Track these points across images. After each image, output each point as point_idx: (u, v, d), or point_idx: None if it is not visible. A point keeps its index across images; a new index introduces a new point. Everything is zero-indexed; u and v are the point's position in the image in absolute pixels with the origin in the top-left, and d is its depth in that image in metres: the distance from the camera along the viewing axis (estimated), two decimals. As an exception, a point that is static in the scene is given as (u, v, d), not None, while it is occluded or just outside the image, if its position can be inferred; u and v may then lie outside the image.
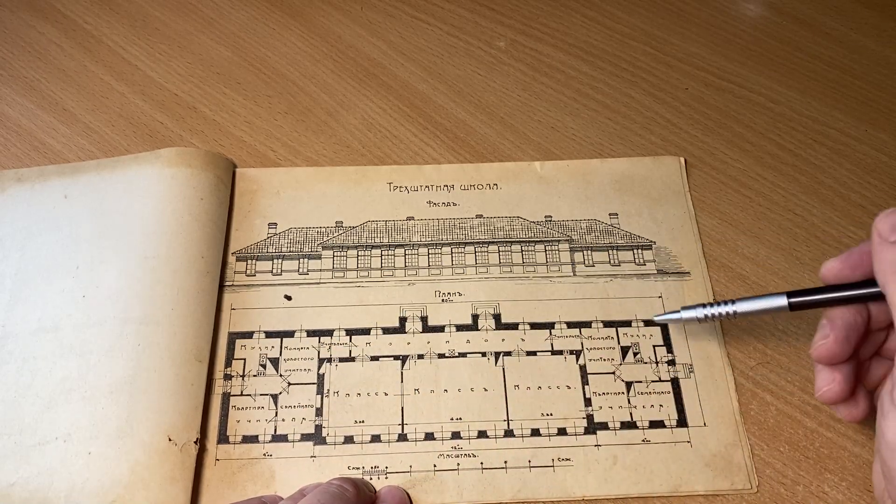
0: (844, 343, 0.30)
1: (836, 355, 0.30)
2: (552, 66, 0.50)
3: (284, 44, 0.50)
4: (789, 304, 0.32)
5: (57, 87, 0.47)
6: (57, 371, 0.36)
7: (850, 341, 0.30)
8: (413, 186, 0.43)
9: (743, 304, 0.33)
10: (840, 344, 0.30)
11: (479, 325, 0.39)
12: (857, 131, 0.47)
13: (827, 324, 0.30)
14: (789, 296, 0.32)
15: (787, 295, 0.32)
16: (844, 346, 0.30)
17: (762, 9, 0.53)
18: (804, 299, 0.32)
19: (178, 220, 0.39)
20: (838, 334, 0.30)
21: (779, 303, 0.32)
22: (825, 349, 0.30)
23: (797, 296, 0.32)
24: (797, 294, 0.32)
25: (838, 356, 0.30)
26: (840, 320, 0.30)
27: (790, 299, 0.32)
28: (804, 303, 0.32)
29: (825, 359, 0.30)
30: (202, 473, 0.35)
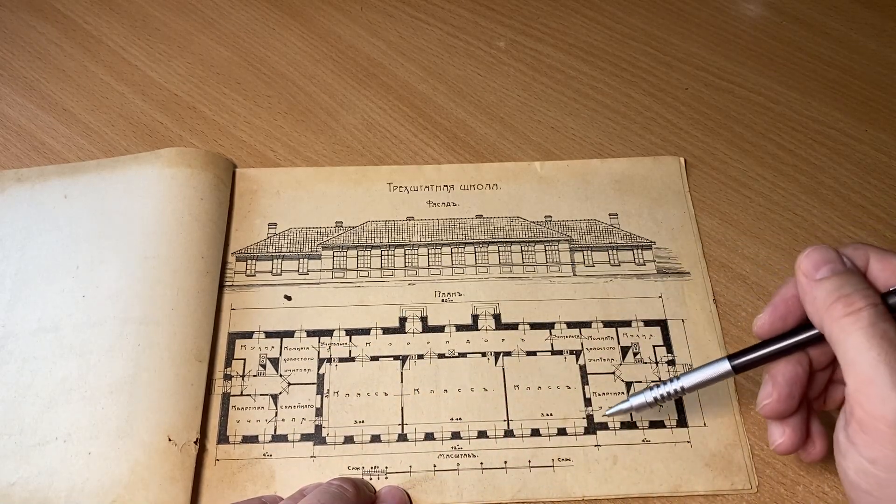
0: (789, 399, 0.30)
1: (782, 412, 0.30)
2: (552, 66, 0.50)
3: (284, 44, 0.50)
4: (733, 367, 0.31)
5: (57, 87, 0.47)
6: (57, 371, 0.36)
7: (794, 396, 0.30)
8: (413, 186, 0.43)
9: (688, 377, 0.32)
10: (784, 401, 0.30)
11: (479, 325, 0.39)
12: (857, 131, 0.47)
13: (769, 380, 0.30)
14: (731, 359, 0.31)
15: (729, 359, 0.31)
16: (789, 402, 0.30)
17: (762, 9, 0.53)
18: (746, 359, 0.31)
19: (178, 220, 0.39)
20: (781, 392, 0.30)
21: (722, 369, 0.31)
22: (770, 409, 0.30)
23: (738, 357, 0.31)
24: (738, 356, 0.31)
25: (785, 412, 0.30)
26: (782, 377, 0.30)
27: (733, 363, 0.31)
28: (747, 363, 0.31)
29: (772, 416, 0.31)
30: (202, 473, 0.35)
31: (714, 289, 0.40)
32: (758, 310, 0.39)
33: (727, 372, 0.31)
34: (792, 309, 0.30)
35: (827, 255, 0.29)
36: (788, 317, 0.30)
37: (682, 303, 0.40)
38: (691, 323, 0.39)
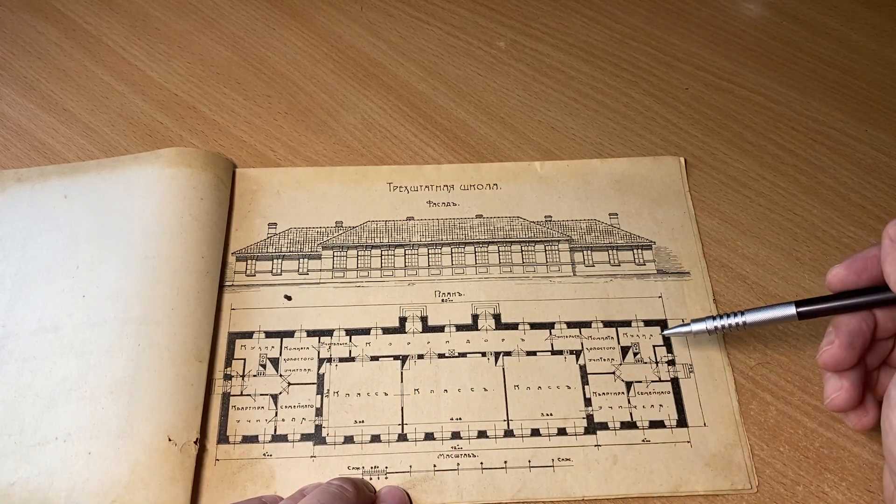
0: (849, 349, 0.30)
1: (841, 362, 0.30)
2: (552, 66, 0.50)
3: (284, 44, 0.50)
4: (798, 312, 0.32)
5: (57, 87, 0.47)
6: (57, 371, 0.36)
7: (854, 347, 0.30)
8: (413, 186, 0.43)
9: (752, 314, 0.34)
10: (845, 350, 0.30)
11: (479, 325, 0.39)
12: (857, 131, 0.47)
13: (833, 330, 0.31)
14: (797, 305, 0.32)
15: (796, 304, 0.32)
16: (849, 353, 0.30)
17: (762, 9, 0.53)
18: (812, 308, 0.32)
19: (178, 220, 0.39)
20: (843, 340, 0.30)
21: (787, 312, 0.32)
22: (830, 355, 0.30)
23: (805, 304, 0.32)
24: (805, 303, 0.32)
25: (844, 362, 0.30)
26: (845, 326, 0.30)
27: (798, 308, 0.32)
28: (813, 311, 0.32)
29: (831, 365, 0.31)
30: (202, 473, 0.35)
31: (714, 289, 0.40)
32: (758, 310, 0.40)
33: (791, 315, 0.32)
34: (869, 267, 0.30)
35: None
36: (863, 274, 0.30)
37: (682, 303, 0.40)
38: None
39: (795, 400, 0.37)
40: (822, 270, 0.41)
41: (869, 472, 0.35)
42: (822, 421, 0.37)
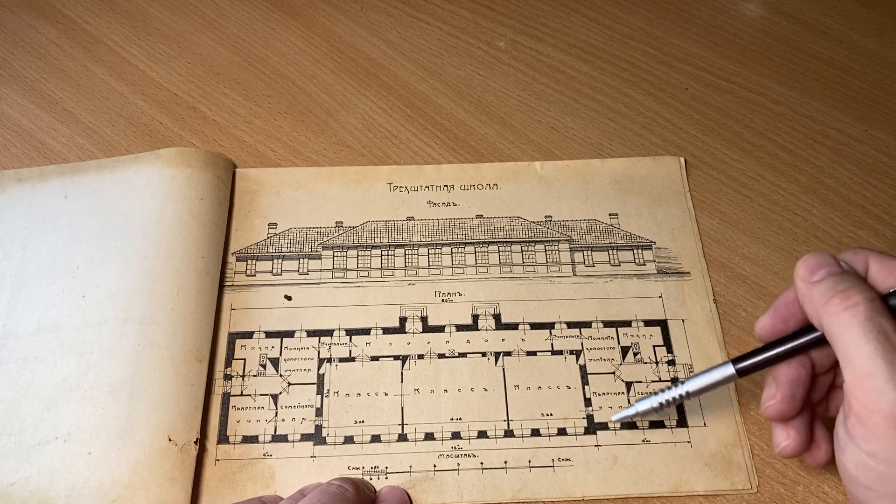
0: (792, 400, 0.30)
1: (785, 413, 0.30)
2: (552, 66, 0.50)
3: (284, 44, 0.50)
4: (737, 370, 0.31)
5: (57, 87, 0.47)
6: (57, 371, 0.36)
7: (797, 398, 0.30)
8: (413, 186, 0.43)
9: (692, 382, 0.32)
10: (788, 402, 0.30)
11: (479, 325, 0.39)
12: (857, 131, 0.47)
13: (773, 382, 0.30)
14: (735, 363, 0.31)
15: (733, 362, 0.31)
16: (792, 404, 0.30)
17: (762, 9, 0.53)
18: (750, 363, 0.31)
19: (178, 220, 0.39)
20: (784, 392, 0.30)
21: (726, 373, 0.32)
22: (773, 409, 0.30)
23: (742, 361, 0.31)
24: (742, 359, 0.31)
25: (788, 413, 0.30)
26: (784, 377, 0.30)
27: (736, 366, 0.31)
28: (751, 366, 0.31)
29: (776, 417, 0.31)
30: (202, 473, 0.35)
31: (714, 289, 0.40)
32: (758, 310, 0.40)
33: (731, 376, 0.31)
34: (793, 311, 0.30)
35: (823, 259, 0.29)
36: (790, 319, 0.30)
37: (682, 303, 0.40)
38: (691, 323, 0.39)
39: (795, 400, 0.37)
40: (822, 270, 0.41)
41: (869, 472, 0.35)
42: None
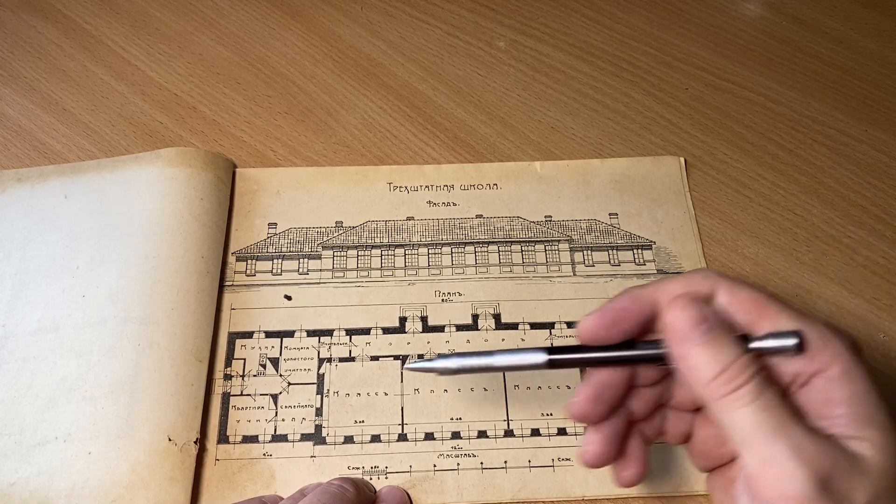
0: (596, 403, 0.28)
1: (587, 415, 0.28)
2: (552, 66, 0.50)
3: (284, 44, 0.50)
4: (548, 361, 0.29)
5: (57, 87, 0.47)
6: (57, 371, 0.36)
7: (604, 402, 0.28)
8: (413, 186, 0.43)
9: (501, 357, 0.29)
10: (591, 404, 0.28)
11: (479, 325, 0.39)
12: (857, 131, 0.47)
13: (585, 380, 0.28)
14: (550, 352, 0.29)
15: (549, 351, 0.29)
16: (597, 407, 0.28)
17: (762, 9, 0.53)
18: (563, 357, 0.28)
19: (178, 220, 0.39)
20: (590, 394, 0.28)
21: (537, 359, 0.29)
22: (575, 408, 0.28)
23: (558, 353, 0.29)
24: (558, 351, 0.29)
25: (590, 416, 0.28)
26: (595, 377, 0.28)
27: (549, 356, 0.29)
28: (563, 362, 0.28)
29: (576, 418, 0.28)
30: (202, 473, 0.35)
31: (714, 289, 0.40)
32: (758, 310, 0.40)
33: (542, 363, 0.29)
34: (620, 321, 0.28)
35: (697, 313, 0.26)
36: (613, 328, 0.28)
37: (682, 303, 0.40)
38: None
39: (795, 400, 0.37)
40: (822, 270, 0.41)
41: (869, 472, 0.35)
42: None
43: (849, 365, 0.25)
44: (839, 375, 0.25)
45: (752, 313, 0.26)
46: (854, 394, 0.25)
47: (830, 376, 0.25)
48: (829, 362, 0.25)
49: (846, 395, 0.25)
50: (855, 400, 0.25)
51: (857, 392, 0.25)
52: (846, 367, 0.25)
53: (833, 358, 0.25)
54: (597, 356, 0.28)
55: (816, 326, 0.26)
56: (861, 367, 0.25)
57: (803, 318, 0.26)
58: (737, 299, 0.27)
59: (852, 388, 0.25)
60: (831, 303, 0.40)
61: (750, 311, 0.26)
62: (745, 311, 0.27)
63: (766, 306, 0.26)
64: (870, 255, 0.42)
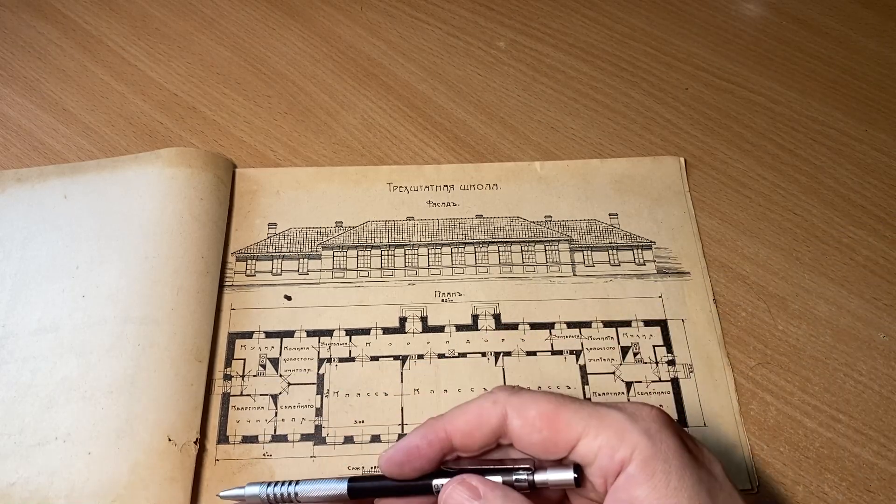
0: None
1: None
2: (552, 66, 0.50)
3: (284, 44, 0.50)
4: (349, 489, 0.29)
5: (57, 87, 0.47)
6: (57, 371, 0.36)
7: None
8: (413, 186, 0.43)
9: (305, 486, 0.30)
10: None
11: (479, 325, 0.39)
12: (857, 131, 0.47)
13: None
14: (351, 481, 0.30)
15: (350, 480, 0.30)
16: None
17: (762, 9, 0.53)
18: (363, 485, 0.30)
19: (178, 220, 0.39)
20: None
21: (339, 489, 0.30)
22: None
23: (358, 482, 0.30)
24: (359, 481, 0.30)
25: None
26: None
27: (350, 484, 0.30)
28: (362, 489, 0.30)
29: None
30: (202, 473, 0.35)
31: (714, 289, 0.40)
32: (758, 310, 0.40)
33: (342, 495, 0.30)
34: (413, 460, 0.28)
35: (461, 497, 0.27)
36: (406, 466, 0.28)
37: (682, 303, 0.40)
38: (691, 323, 0.39)
39: (795, 400, 0.37)
40: (822, 270, 0.41)
41: (869, 472, 0.35)
42: (822, 421, 0.37)
43: (646, 454, 0.25)
44: (637, 471, 0.25)
45: (544, 430, 0.27)
46: (654, 488, 0.25)
47: (629, 473, 0.25)
48: (627, 457, 0.26)
49: (646, 491, 0.25)
50: (656, 494, 0.25)
51: (657, 485, 0.25)
52: (643, 458, 0.25)
53: (631, 451, 0.26)
54: (397, 484, 0.29)
55: (612, 419, 0.26)
56: (662, 452, 0.25)
57: (598, 412, 0.27)
58: (527, 419, 0.27)
59: (651, 481, 0.25)
60: (831, 303, 0.40)
61: (542, 428, 0.27)
62: (537, 429, 0.27)
63: (556, 418, 0.27)
64: (870, 255, 0.42)
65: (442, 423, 0.28)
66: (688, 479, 0.25)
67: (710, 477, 0.26)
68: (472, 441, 0.28)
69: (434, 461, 0.28)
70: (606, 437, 0.26)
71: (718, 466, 0.27)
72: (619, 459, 0.26)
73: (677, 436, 0.26)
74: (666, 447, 0.26)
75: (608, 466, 0.26)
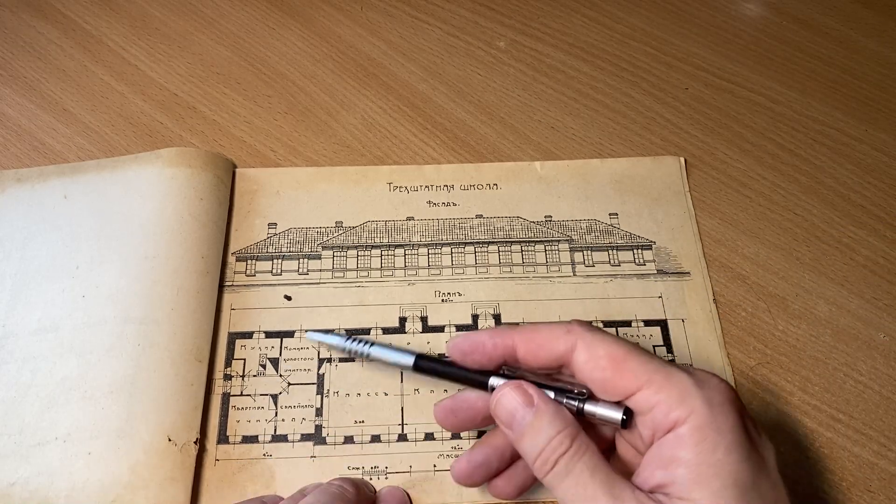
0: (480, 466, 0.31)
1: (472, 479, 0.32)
2: (552, 66, 0.50)
3: (284, 44, 0.50)
4: (414, 365, 0.32)
5: (57, 87, 0.47)
6: (57, 371, 0.36)
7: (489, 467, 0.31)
8: (413, 186, 0.43)
9: (377, 350, 0.34)
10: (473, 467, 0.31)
11: (479, 325, 0.39)
12: (857, 131, 0.47)
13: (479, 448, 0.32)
14: (419, 358, 0.33)
15: (418, 357, 0.33)
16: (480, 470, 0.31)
17: (762, 9, 0.53)
18: (428, 366, 0.32)
19: (178, 220, 0.39)
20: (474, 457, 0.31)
21: (406, 360, 0.33)
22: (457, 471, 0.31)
23: (425, 360, 0.33)
24: (425, 359, 0.33)
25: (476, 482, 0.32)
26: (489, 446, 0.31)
27: (417, 362, 0.32)
28: (426, 368, 0.32)
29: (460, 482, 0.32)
30: (202, 473, 0.35)
31: (714, 289, 0.40)
32: (758, 309, 0.40)
33: (408, 366, 0.33)
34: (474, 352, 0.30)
35: (516, 402, 0.28)
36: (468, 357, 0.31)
37: (682, 303, 0.40)
38: (691, 323, 0.39)
39: (795, 400, 0.37)
40: (822, 270, 0.41)
41: (869, 472, 0.35)
42: (822, 421, 0.37)
43: (701, 421, 0.25)
44: (688, 433, 0.25)
45: (607, 370, 0.27)
46: (699, 453, 0.25)
47: (679, 433, 0.26)
48: (682, 418, 0.26)
49: (689, 455, 0.25)
50: (698, 460, 0.25)
51: (703, 451, 0.25)
52: (697, 423, 0.25)
53: (688, 414, 0.26)
54: (460, 372, 0.31)
55: (678, 379, 0.26)
56: (717, 423, 0.25)
57: (666, 369, 0.27)
58: (594, 356, 0.28)
59: (698, 447, 0.25)
60: (831, 303, 0.40)
61: (605, 367, 0.27)
62: (601, 367, 0.27)
63: (623, 363, 0.27)
64: (870, 255, 0.42)
65: (512, 333, 0.30)
66: (735, 455, 0.25)
67: (759, 462, 0.26)
68: (535, 359, 0.29)
69: (495, 361, 0.30)
70: (667, 394, 0.26)
71: (772, 456, 0.27)
72: (673, 418, 0.26)
73: (738, 413, 0.26)
74: (723, 420, 0.26)
75: (661, 422, 0.26)
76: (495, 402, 0.29)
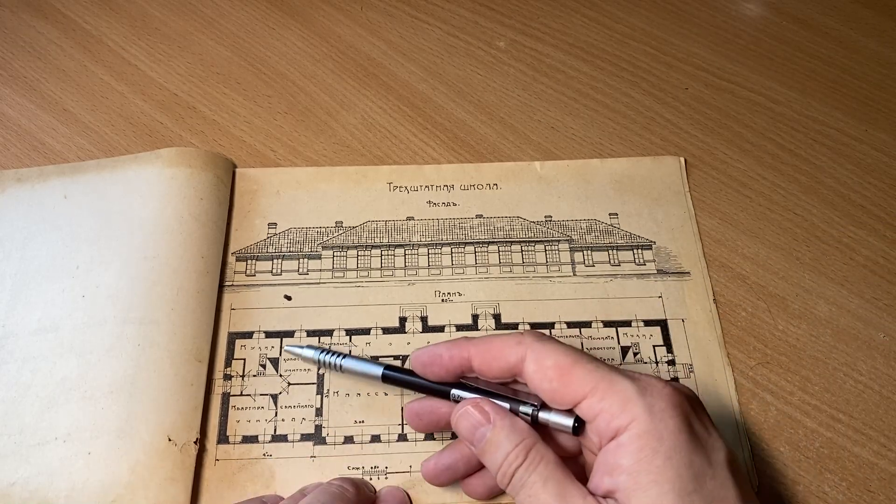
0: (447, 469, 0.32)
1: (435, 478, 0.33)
2: (552, 66, 0.50)
3: (284, 44, 0.50)
4: (383, 375, 0.34)
5: (57, 87, 0.47)
6: (57, 371, 0.36)
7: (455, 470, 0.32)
8: (413, 186, 0.43)
9: (348, 362, 0.35)
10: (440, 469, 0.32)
11: (479, 325, 0.39)
12: (857, 131, 0.47)
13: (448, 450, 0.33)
14: (387, 369, 0.34)
15: (386, 368, 0.34)
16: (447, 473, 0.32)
17: (762, 9, 0.53)
18: (394, 375, 0.34)
19: (178, 220, 0.39)
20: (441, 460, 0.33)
21: (375, 371, 0.34)
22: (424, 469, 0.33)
23: (392, 371, 0.34)
24: (393, 370, 0.34)
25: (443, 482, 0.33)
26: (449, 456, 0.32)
27: (385, 371, 0.34)
28: (393, 378, 0.34)
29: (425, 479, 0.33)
30: (202, 473, 0.35)
31: (714, 289, 0.40)
32: (758, 309, 0.40)
33: (376, 377, 0.34)
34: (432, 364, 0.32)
35: (473, 422, 0.30)
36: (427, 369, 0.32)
37: (682, 303, 0.40)
38: (691, 323, 0.39)
39: (795, 400, 0.37)
40: (822, 270, 0.41)
41: (869, 472, 0.35)
42: (822, 421, 0.37)
43: (642, 429, 0.26)
44: (628, 441, 0.26)
45: (554, 380, 0.28)
46: (638, 461, 0.26)
47: (621, 442, 0.26)
48: (624, 426, 0.26)
49: (629, 463, 0.26)
50: (637, 468, 0.26)
51: (642, 459, 0.26)
52: (638, 431, 0.26)
53: (629, 422, 0.26)
54: (425, 383, 0.33)
55: (621, 387, 0.27)
56: (658, 430, 0.26)
57: (610, 377, 0.28)
58: (542, 367, 0.28)
59: (637, 454, 0.26)
60: (831, 303, 0.40)
61: (553, 378, 0.28)
62: (548, 378, 0.28)
63: (568, 373, 0.28)
64: (870, 255, 0.42)
65: (468, 346, 0.31)
66: (675, 461, 0.26)
67: (704, 463, 0.26)
68: (490, 370, 0.30)
69: (453, 374, 0.31)
70: (609, 403, 0.27)
71: (722, 455, 0.27)
72: (615, 426, 0.27)
73: (682, 417, 0.27)
74: (664, 426, 0.26)
75: (604, 430, 0.27)
76: (456, 420, 0.30)
